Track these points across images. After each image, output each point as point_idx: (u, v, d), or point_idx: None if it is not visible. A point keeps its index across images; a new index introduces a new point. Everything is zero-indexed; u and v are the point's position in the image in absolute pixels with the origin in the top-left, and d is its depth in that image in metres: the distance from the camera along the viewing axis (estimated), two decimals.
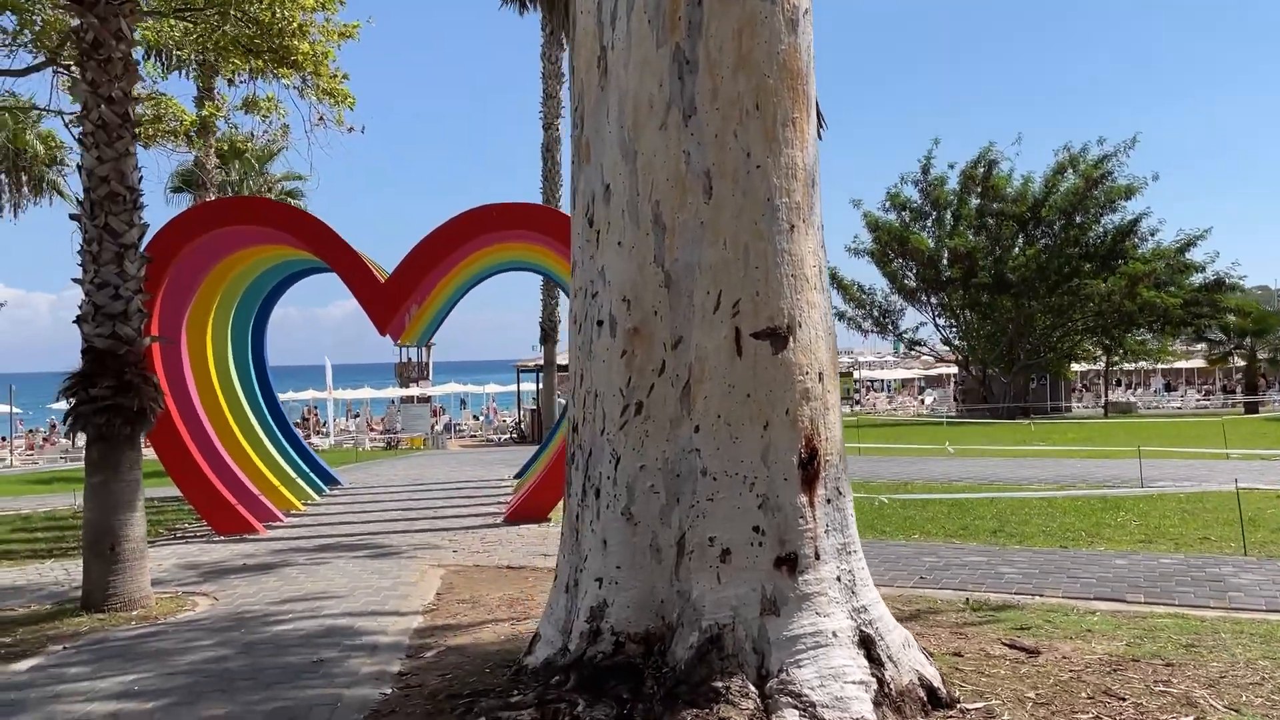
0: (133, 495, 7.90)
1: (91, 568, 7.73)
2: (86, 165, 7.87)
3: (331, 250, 11.62)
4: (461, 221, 12.02)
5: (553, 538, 10.72)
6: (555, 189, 28.01)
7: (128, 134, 7.98)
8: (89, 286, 7.85)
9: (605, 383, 5.08)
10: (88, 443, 7.82)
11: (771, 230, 4.86)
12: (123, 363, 7.85)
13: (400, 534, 11.31)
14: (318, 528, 12.10)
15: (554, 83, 28.00)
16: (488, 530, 11.41)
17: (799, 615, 4.72)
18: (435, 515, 12.82)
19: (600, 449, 5.11)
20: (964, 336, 38.75)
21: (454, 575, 8.91)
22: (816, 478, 4.88)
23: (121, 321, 7.87)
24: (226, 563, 9.88)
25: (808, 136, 5.03)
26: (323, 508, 14.01)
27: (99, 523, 7.74)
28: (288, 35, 14.42)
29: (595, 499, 5.12)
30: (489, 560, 9.60)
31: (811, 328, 4.95)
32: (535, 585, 8.33)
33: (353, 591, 8.23)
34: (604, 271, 5.11)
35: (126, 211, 7.95)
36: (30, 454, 41.15)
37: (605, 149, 5.12)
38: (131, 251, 7.97)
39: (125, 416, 7.78)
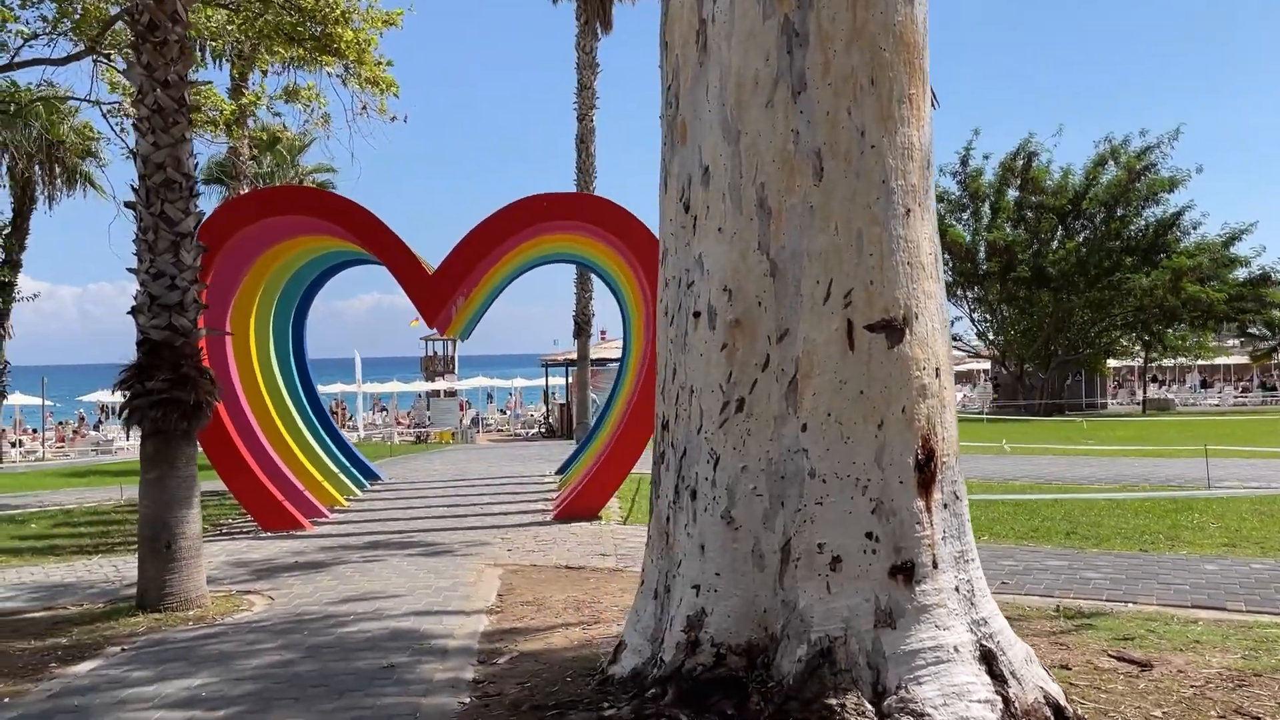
0: (189, 491, 7.68)
1: (147, 565, 7.52)
2: (142, 151, 7.65)
3: (380, 241, 11.38)
4: (511, 212, 11.75)
5: (607, 537, 10.45)
6: (589, 181, 27.68)
7: (183, 119, 7.75)
8: (144, 276, 7.63)
9: (702, 378, 4.78)
10: (143, 437, 7.60)
11: (887, 215, 4.54)
12: (179, 355, 7.63)
13: (450, 531, 11.07)
14: (365, 524, 11.88)
15: (588, 73, 27.66)
16: (539, 528, 11.15)
17: (917, 628, 4.40)
18: (482, 512, 12.58)
19: (696, 448, 4.81)
20: (1000, 331, 38.18)
21: (512, 575, 8.65)
22: (933, 480, 4.56)
23: (178, 312, 7.64)
24: (277, 560, 9.67)
25: (924, 114, 4.70)
26: (367, 504, 13.80)
27: (155, 519, 7.53)
28: (330, 22, 14.20)
29: (691, 501, 4.82)
30: (545, 560, 9.34)
31: (928, 319, 4.62)
32: (599, 587, 8.05)
33: (412, 591, 7.98)
34: (702, 260, 4.80)
35: (182, 199, 7.72)
36: (61, 446, 41.36)
37: (704, 129, 4.81)
38: (188, 240, 7.75)
39: (181, 410, 7.56)
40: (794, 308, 4.55)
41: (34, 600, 8.18)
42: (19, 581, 8.99)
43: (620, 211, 11.69)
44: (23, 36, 15.58)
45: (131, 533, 11.79)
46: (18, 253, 29.03)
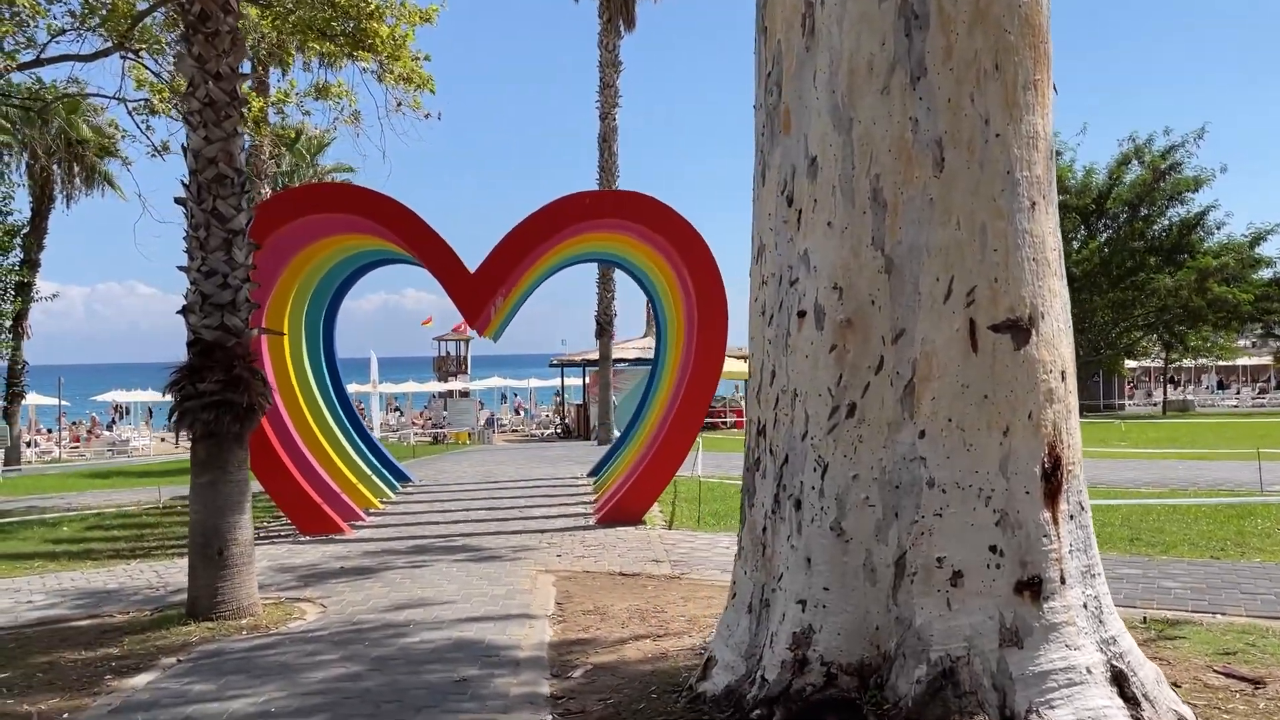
0: (241, 496, 7.45)
1: (198, 572, 7.29)
2: (193, 146, 7.42)
3: (422, 241, 11.15)
4: (553, 210, 11.51)
5: (656, 542, 10.20)
6: (612, 179, 27.43)
7: (235, 112, 7.53)
8: (196, 275, 7.40)
9: (808, 381, 4.53)
10: (194, 440, 7.37)
11: (1011, 208, 4.28)
12: (231, 355, 7.40)
13: (493, 536, 10.82)
14: (404, 528, 11.65)
15: (611, 71, 27.42)
16: (583, 533, 10.90)
17: (1045, 648, 4.15)
18: (522, 516, 12.33)
19: (801, 455, 4.56)
20: None
21: (567, 582, 8.41)
22: (1059, 490, 4.30)
23: (230, 312, 7.41)
24: (321, 565, 9.44)
25: (1048, 101, 4.44)
26: (402, 506, 13.57)
27: (206, 525, 7.30)
28: (364, 17, 13.98)
29: (795, 511, 4.57)
30: (597, 566, 9.09)
31: (1054, 319, 4.37)
32: (659, 595, 7.80)
33: (468, 599, 7.74)
34: (808, 255, 4.55)
35: (234, 195, 7.49)
36: (76, 446, 41.25)
37: (811, 118, 4.56)
38: (240, 237, 7.52)
39: (234, 413, 7.33)
40: (911, 306, 4.30)
41: (78, 607, 7.96)
42: (59, 587, 8.77)
43: (663, 208, 11.45)
44: (50, 32, 15.39)
45: (167, 536, 11.59)
46: (36, 252, 28.89)
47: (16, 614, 7.78)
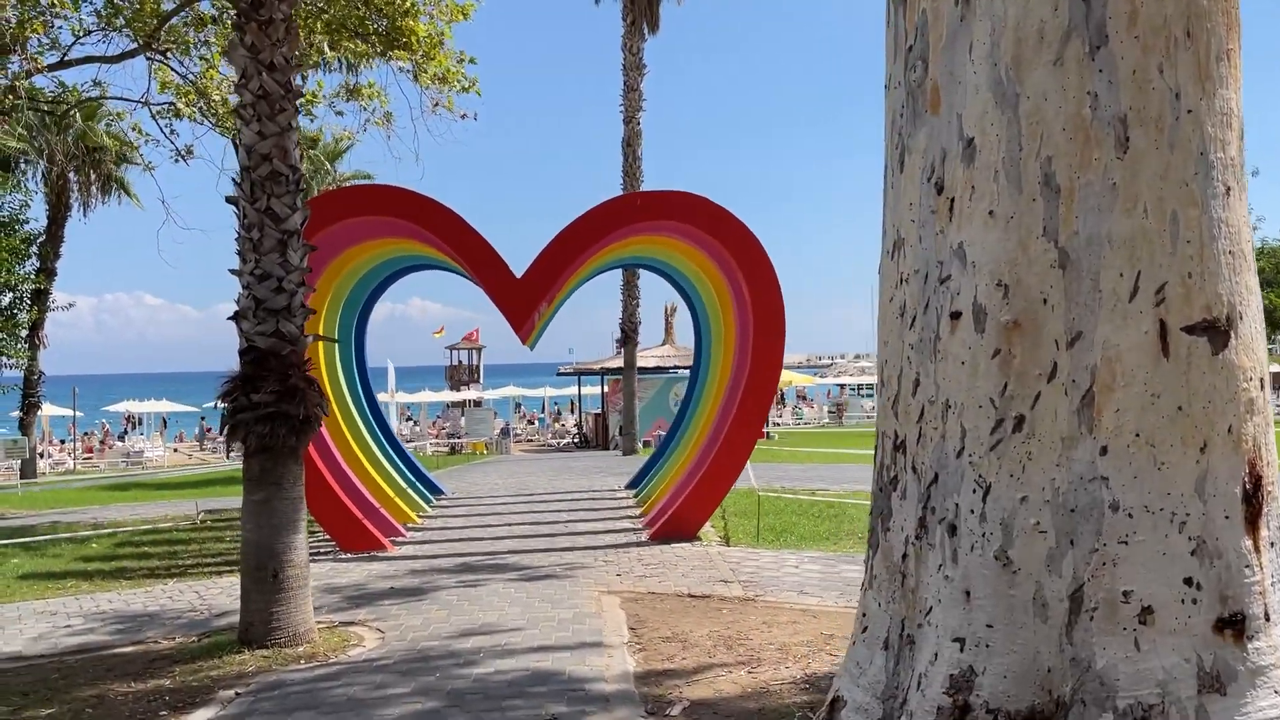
0: (296, 514, 6.98)
1: (251, 596, 6.81)
2: (245, 141, 6.97)
3: (467, 244, 10.69)
4: (602, 212, 11.05)
5: (718, 560, 9.70)
6: (636, 184, 26.96)
7: (290, 105, 7.07)
8: (249, 278, 6.94)
9: (964, 390, 4.03)
10: (247, 455, 6.91)
11: (1205, 194, 3.79)
12: (286, 364, 6.94)
13: (542, 553, 10.33)
14: (447, 544, 11.16)
15: (635, 75, 27.01)
16: (638, 550, 10.40)
17: (1252, 694, 3.64)
18: (568, 531, 11.84)
19: (955, 474, 4.06)
20: None
21: (634, 605, 7.91)
22: (1260, 514, 3.79)
23: (285, 317, 6.95)
24: (369, 585, 8.95)
25: (1240, 74, 3.95)
26: (440, 521, 13.08)
27: (260, 545, 6.82)
28: (399, 15, 13.55)
29: (948, 537, 4.06)
30: (662, 586, 8.59)
31: (1251, 320, 3.87)
32: (738, 620, 7.30)
33: (535, 624, 7.25)
34: (963, 249, 4.05)
35: (289, 193, 7.04)
36: (89, 457, 40.83)
37: (966, 94, 4.06)
38: (294, 239, 7.06)
39: (289, 425, 6.86)
40: (1090, 305, 3.80)
41: (119, 633, 7.49)
42: (97, 610, 8.30)
43: (719, 210, 10.98)
44: (75, 33, 14.98)
45: (202, 553, 11.11)
46: (52, 261, 28.52)
47: (55, 640, 7.31)
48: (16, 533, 13.22)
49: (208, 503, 16.85)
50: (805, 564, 9.32)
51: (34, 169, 28.55)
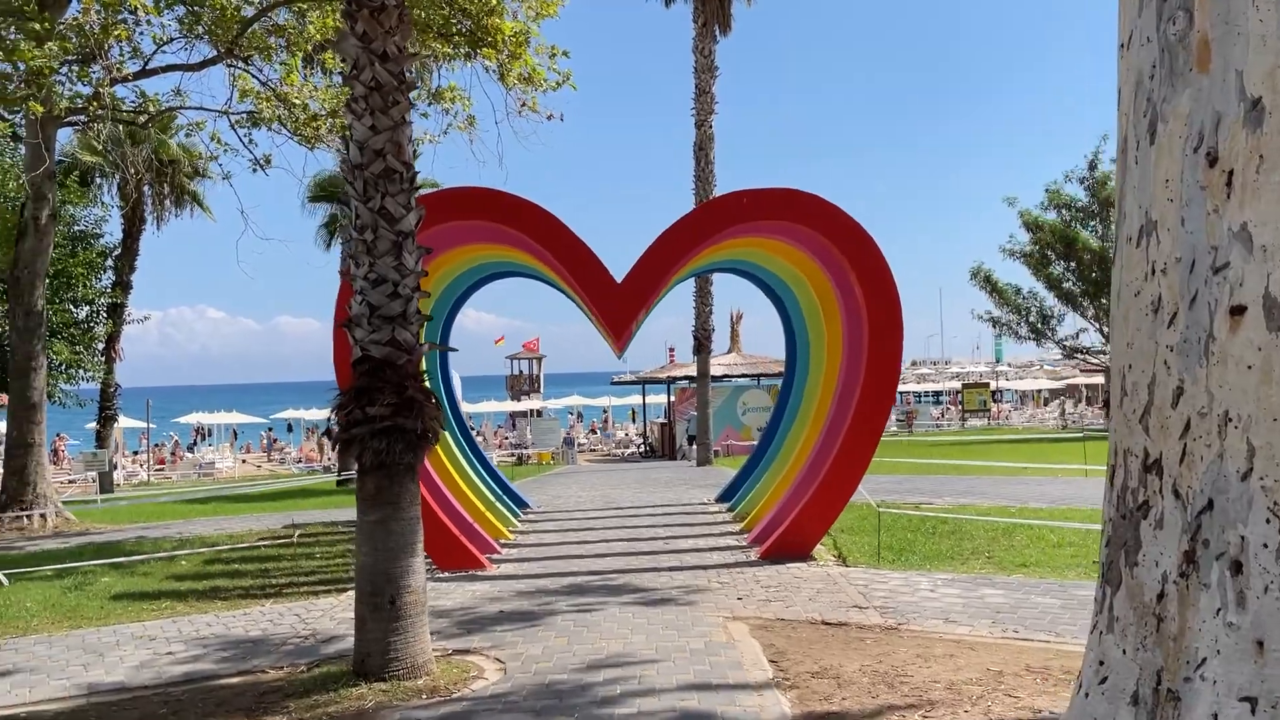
0: (414, 536, 6.49)
1: (368, 625, 6.33)
2: (358, 137, 6.52)
3: (566, 249, 10.20)
4: (707, 212, 10.50)
5: (841, 582, 9.05)
6: (709, 189, 26.40)
7: (404, 98, 6.62)
8: (363, 283, 6.49)
9: (1250, 401, 3.38)
10: (362, 472, 6.44)
11: None
12: (402, 375, 6.47)
13: (650, 572, 9.77)
14: (546, 562, 10.66)
15: (707, 77, 26.47)
16: (751, 569, 9.79)
17: None
18: (668, 548, 11.26)
19: (1239, 501, 3.40)
20: None
21: (766, 633, 7.30)
22: None
23: (401, 324, 6.49)
24: (475, 609, 8.45)
25: None
26: (533, 537, 12.59)
27: (376, 570, 6.34)
28: (485, 14, 13.16)
29: (1230, 576, 3.40)
30: (790, 612, 7.97)
31: None
32: (888, 652, 6.66)
33: (666, 655, 6.67)
34: (1247, 230, 3.40)
35: (404, 192, 6.58)
36: (160, 468, 41.24)
37: (1247, 48, 3.42)
38: (409, 240, 6.59)
39: (406, 440, 6.38)
40: None
41: (224, 661, 7.06)
42: (196, 634, 7.91)
43: (832, 208, 10.36)
44: (156, 41, 14.84)
45: (295, 571, 10.74)
46: (127, 274, 28.76)
47: (159, 668, 6.90)
48: (103, 550, 13.00)
49: (289, 517, 16.60)
50: (940, 587, 8.63)
51: (110, 183, 28.84)
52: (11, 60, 12.50)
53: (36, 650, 7.54)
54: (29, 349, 15.82)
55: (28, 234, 15.73)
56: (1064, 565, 9.49)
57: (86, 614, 8.87)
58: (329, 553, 12.02)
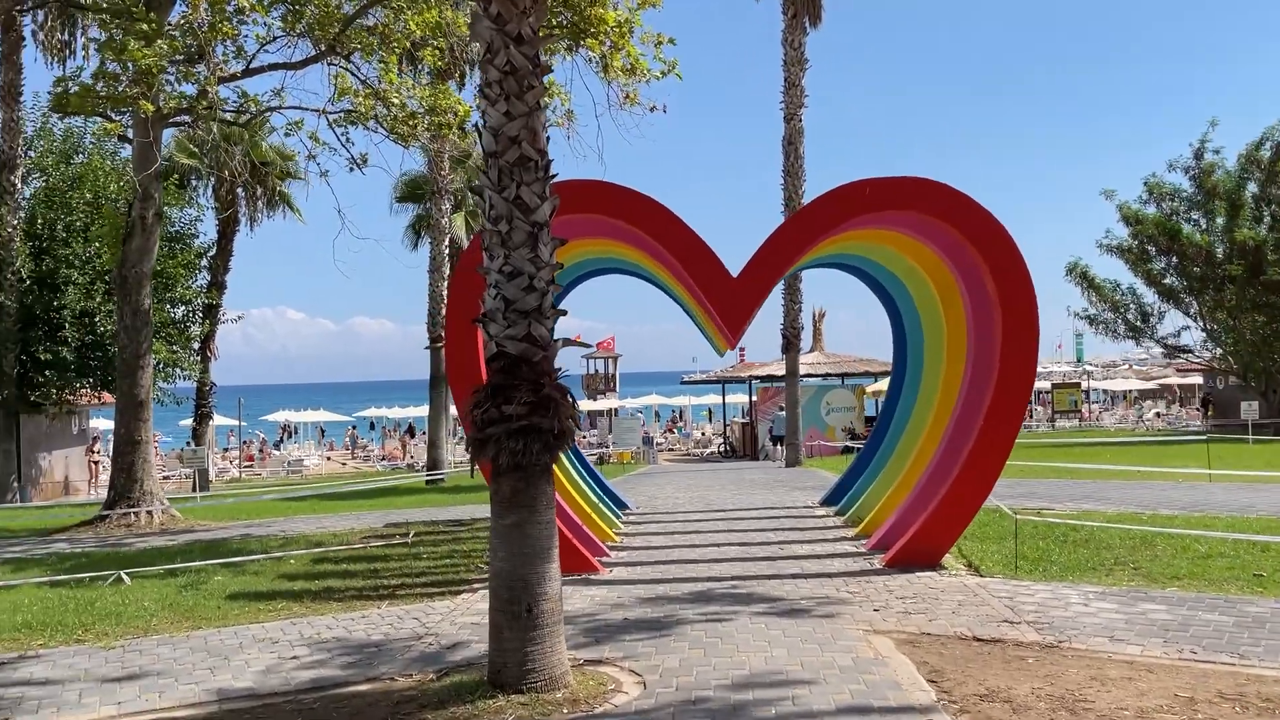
0: (550, 541, 6.21)
1: (504, 634, 6.05)
2: (491, 123, 6.25)
3: (682, 244, 9.84)
4: (826, 204, 10.04)
5: (982, 594, 8.53)
6: (799, 185, 25.88)
7: (538, 82, 6.33)
8: (497, 276, 6.21)
9: None
10: (497, 474, 6.16)
11: None
12: (538, 372, 6.18)
13: (773, 579, 9.37)
14: (661, 566, 10.34)
15: (796, 70, 25.92)
16: (880, 578, 9.32)
17: None
18: (786, 554, 10.84)
19: None
20: (1237, 342, 34.17)
21: (914, 649, 6.85)
22: None
23: (537, 319, 6.19)
24: (599, 615, 8.15)
25: None
26: (639, 540, 12.27)
27: (513, 576, 6.06)
28: (587, 4, 12.89)
29: None
30: (934, 626, 7.49)
31: None
32: (1058, 675, 6.17)
33: (816, 673, 6.26)
34: None
35: (539, 181, 6.28)
36: (249, 465, 42.03)
37: None
38: (544, 231, 6.30)
39: (543, 440, 6.09)
40: None
41: (351, 667, 6.86)
42: (317, 637, 7.74)
43: (959, 195, 9.80)
44: (259, 40, 14.91)
45: (404, 573, 10.60)
46: (222, 274, 29.29)
47: (286, 674, 6.73)
48: (211, 548, 13.05)
49: (386, 516, 16.57)
50: (1093, 601, 8.06)
51: (205, 184, 29.42)
52: (121, 60, 12.61)
53: (161, 652, 7.44)
54: (137, 347, 16.04)
55: (135, 233, 15.95)
56: (1221, 578, 8.82)
57: (205, 614, 8.80)
58: (435, 553, 11.85)
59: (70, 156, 27.25)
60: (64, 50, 24.68)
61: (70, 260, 25.85)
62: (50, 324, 25.90)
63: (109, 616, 8.71)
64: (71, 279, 25.63)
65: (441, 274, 26.89)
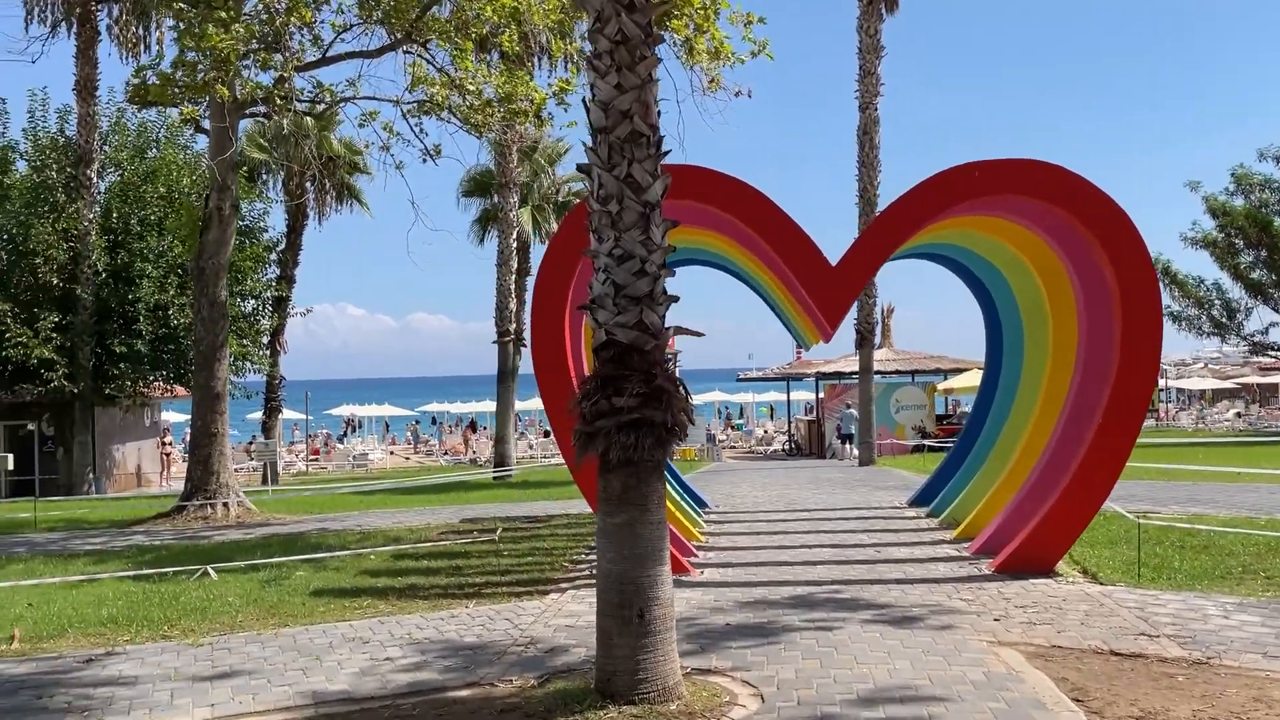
0: (661, 542, 5.82)
1: (613, 640, 5.68)
2: (602, 97, 5.87)
3: (780, 231, 9.40)
4: (933, 187, 9.49)
5: (1108, 603, 7.97)
6: (874, 175, 25.22)
7: (651, 53, 5.93)
8: (607, 259, 5.83)
9: None
10: (606, 469, 5.79)
11: None
12: (650, 362, 5.79)
13: (876, 584, 8.89)
14: (753, 568, 9.91)
15: (872, 58, 25.24)
16: (992, 584, 8.79)
17: None
18: (884, 558, 10.35)
19: None
20: None
21: (1050, 664, 6.34)
22: None
23: (648, 305, 5.80)
24: (699, 620, 7.75)
25: None
26: (725, 540, 11.86)
27: (623, 579, 5.69)
28: None
29: None
30: (1064, 639, 6.96)
31: None
32: (1216, 695, 5.63)
33: (946, 688, 5.78)
34: None
35: (650, 158, 5.89)
36: (314, 459, 42.39)
37: None
38: (656, 212, 5.91)
39: (655, 435, 5.70)
40: None
41: (449, 671, 6.54)
42: (409, 638, 7.45)
43: (1076, 179, 9.20)
44: (335, 29, 14.75)
45: (487, 570, 10.32)
46: (291, 268, 29.44)
47: (383, 676, 6.43)
48: (290, 542, 12.91)
49: (459, 511, 16.36)
50: (1234, 614, 7.45)
51: (274, 178, 29.59)
52: (200, 47, 12.50)
53: (250, 650, 7.21)
54: (214, 339, 16.03)
55: (211, 225, 15.93)
56: None
57: (290, 610, 8.58)
58: (516, 550, 11.56)
59: (144, 151, 27.58)
60: (138, 45, 24.84)
61: (144, 254, 26.15)
62: (125, 317, 26.23)
63: (194, 612, 8.54)
64: (145, 272, 25.93)
65: (509, 268, 26.72)
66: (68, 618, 8.42)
